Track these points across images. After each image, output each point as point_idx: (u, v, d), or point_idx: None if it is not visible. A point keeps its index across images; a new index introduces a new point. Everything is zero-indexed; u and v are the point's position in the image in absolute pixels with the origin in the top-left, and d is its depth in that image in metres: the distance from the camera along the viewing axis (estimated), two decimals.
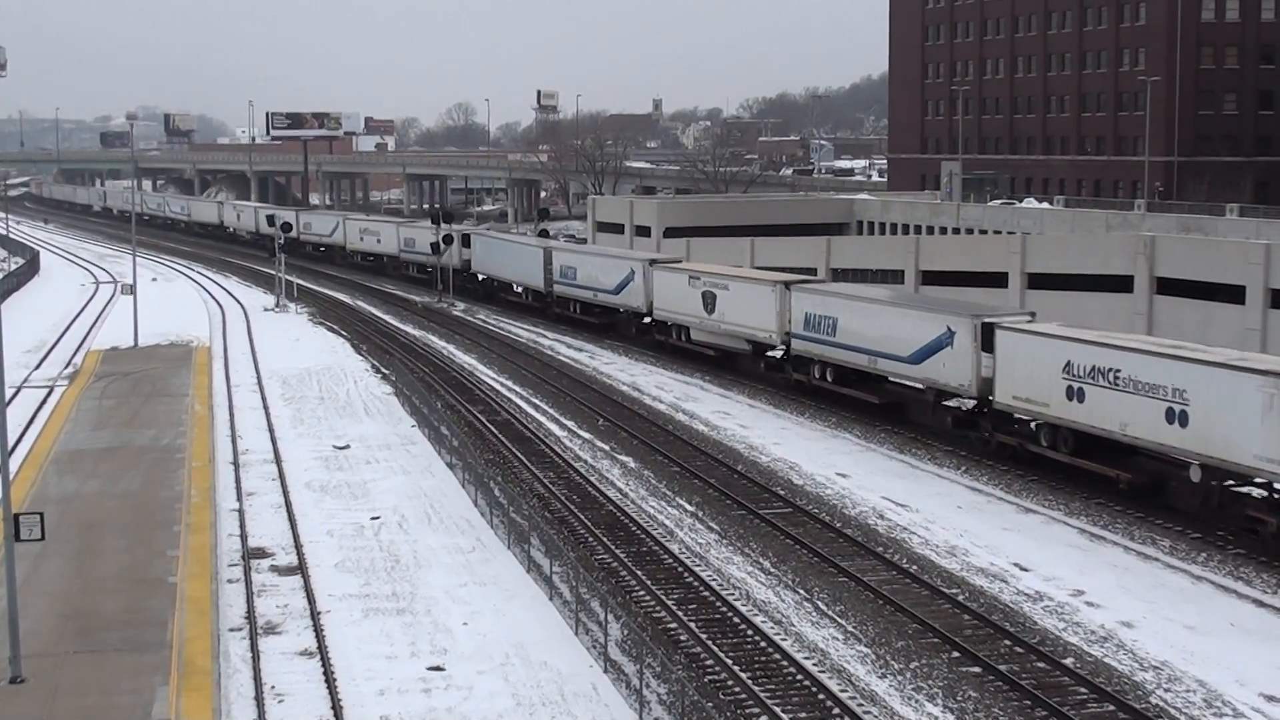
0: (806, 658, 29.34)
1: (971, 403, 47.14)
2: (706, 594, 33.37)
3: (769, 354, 59.72)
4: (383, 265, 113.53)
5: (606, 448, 49.51)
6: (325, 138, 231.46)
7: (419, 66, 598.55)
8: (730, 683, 28.08)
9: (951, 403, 48.26)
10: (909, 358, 49.82)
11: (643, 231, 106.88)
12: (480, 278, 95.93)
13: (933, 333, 48.52)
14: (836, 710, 26.84)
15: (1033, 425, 44.34)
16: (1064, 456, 42.92)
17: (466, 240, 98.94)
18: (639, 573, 34.83)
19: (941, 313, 49.24)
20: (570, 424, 53.68)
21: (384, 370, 66.62)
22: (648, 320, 70.36)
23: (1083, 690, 27.63)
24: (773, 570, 35.36)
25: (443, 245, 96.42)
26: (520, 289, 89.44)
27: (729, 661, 28.97)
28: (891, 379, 52.69)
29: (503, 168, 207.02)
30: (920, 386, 50.53)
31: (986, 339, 45.81)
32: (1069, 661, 29.00)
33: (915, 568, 35.21)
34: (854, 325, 53.13)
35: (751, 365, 62.11)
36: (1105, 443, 41.29)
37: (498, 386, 62.08)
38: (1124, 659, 29.33)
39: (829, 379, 55.14)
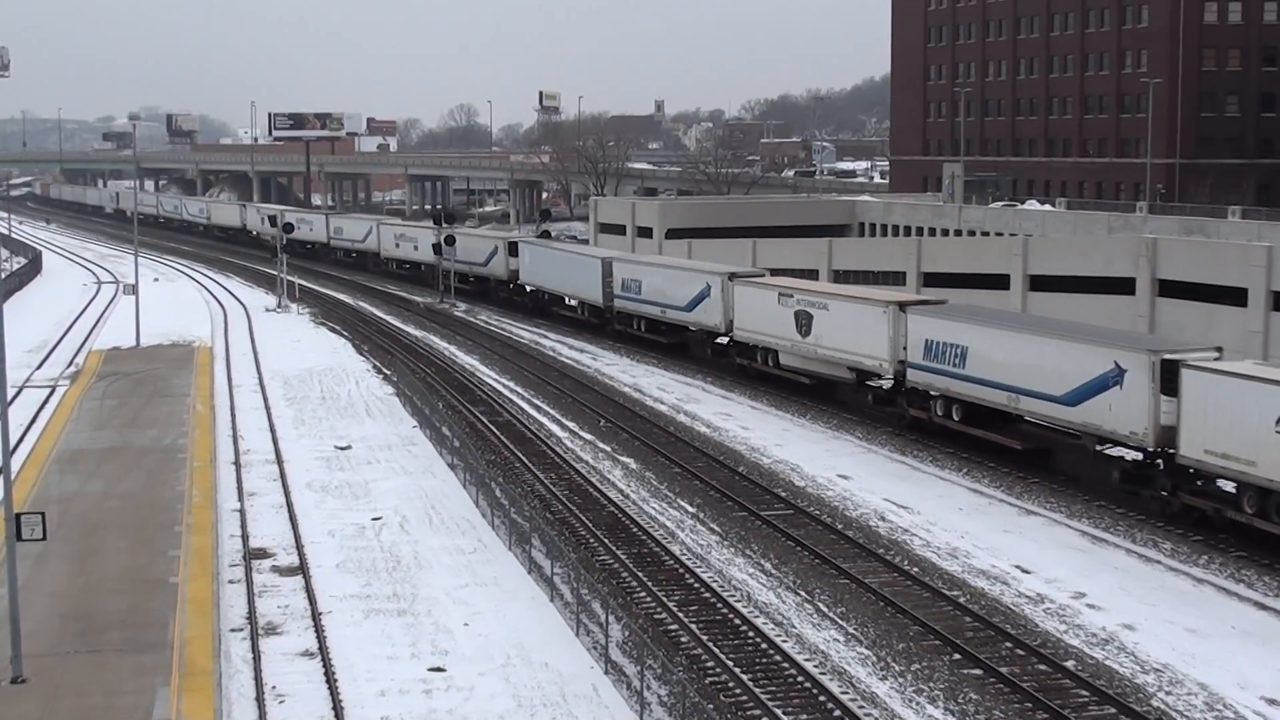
0: (807, 660, 29.34)
1: (1143, 454, 40.50)
2: (707, 595, 33.37)
3: (877, 385, 53.50)
4: (420, 273, 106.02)
5: (608, 449, 49.51)
6: (327, 138, 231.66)
7: (421, 67, 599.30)
8: (731, 684, 28.07)
9: (1115, 452, 41.70)
10: (1063, 397, 42.64)
11: (645, 233, 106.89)
12: (529, 289, 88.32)
13: (1096, 368, 41.25)
14: (838, 712, 26.81)
15: (1231, 487, 37.23)
16: None
17: (514, 249, 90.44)
18: (640, 574, 34.82)
19: (1108, 345, 41.82)
20: (572, 425, 53.68)
21: (385, 371, 66.64)
22: (725, 341, 63.66)
23: (1084, 693, 27.62)
24: (774, 572, 35.35)
25: (444, 246, 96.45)
26: (575, 303, 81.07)
27: (730, 663, 28.96)
28: (1034, 420, 45.21)
29: (505, 169, 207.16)
30: (1075, 432, 43.24)
31: (1168, 379, 38.53)
32: (1070, 664, 28.98)
33: (916, 570, 35.20)
34: (991, 355, 45.80)
35: (855, 396, 55.27)
36: None
37: (499, 387, 62.09)
38: (1125, 661, 29.32)
39: (955, 417, 47.97)
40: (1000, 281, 73.43)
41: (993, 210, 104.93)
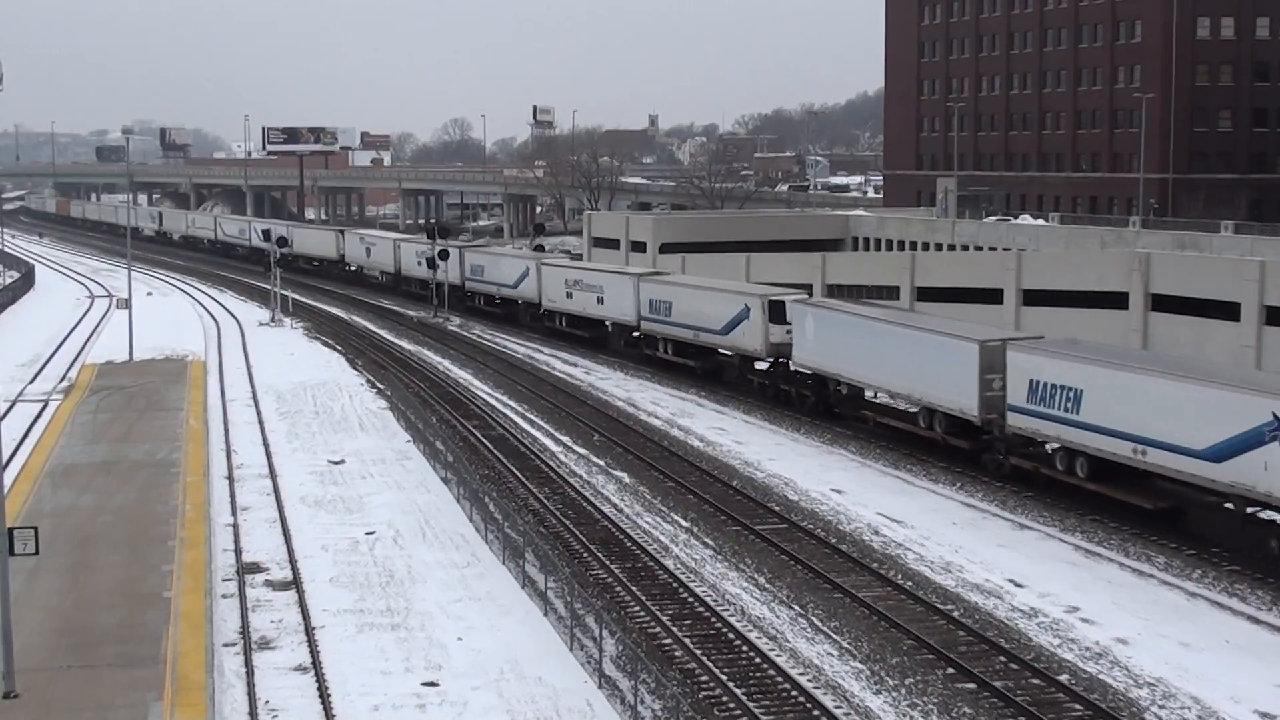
0: (801, 674, 29.32)
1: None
2: (701, 610, 33.34)
3: None
4: (607, 336, 76.94)
5: (602, 463, 49.49)
6: (321, 152, 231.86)
7: (415, 82, 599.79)
8: (725, 699, 28.05)
9: None
10: None
11: (638, 247, 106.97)
12: (804, 372, 57.88)
13: None
14: None
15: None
16: None
17: (779, 311, 59.46)
18: (634, 588, 34.80)
19: None
20: (565, 439, 53.66)
21: (379, 385, 66.60)
22: None
23: (1078, 707, 27.62)
24: (767, 586, 35.34)
25: (439, 260, 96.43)
26: (913, 408, 51.52)
27: (724, 677, 28.94)
28: None
29: (499, 183, 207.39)
30: None
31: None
32: (1064, 678, 28.99)
33: (910, 584, 35.20)
34: None
35: None
36: None
37: (493, 401, 62.06)
38: (1119, 675, 29.33)
39: None
40: (994, 296, 73.46)
41: (986, 225, 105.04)
